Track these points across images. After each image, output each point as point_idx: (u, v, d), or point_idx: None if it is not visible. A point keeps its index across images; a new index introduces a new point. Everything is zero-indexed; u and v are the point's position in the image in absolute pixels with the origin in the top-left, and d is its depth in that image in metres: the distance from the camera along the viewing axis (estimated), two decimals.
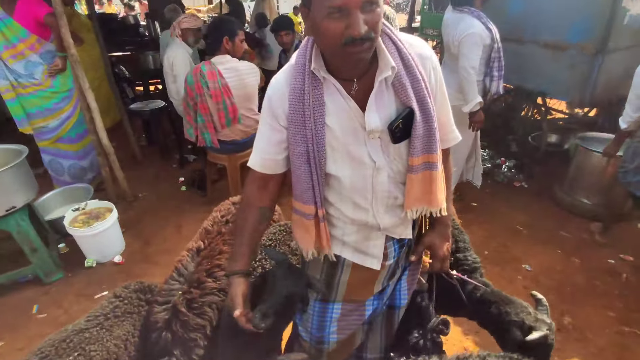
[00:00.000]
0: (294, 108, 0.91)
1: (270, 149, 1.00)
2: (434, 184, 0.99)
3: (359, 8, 0.76)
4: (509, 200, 3.31)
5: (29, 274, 2.28)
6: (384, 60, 0.88)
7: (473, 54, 2.50)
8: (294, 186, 1.01)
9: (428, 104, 0.91)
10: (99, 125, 2.85)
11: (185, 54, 3.05)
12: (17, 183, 2.12)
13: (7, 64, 2.69)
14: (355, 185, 0.99)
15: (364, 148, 0.94)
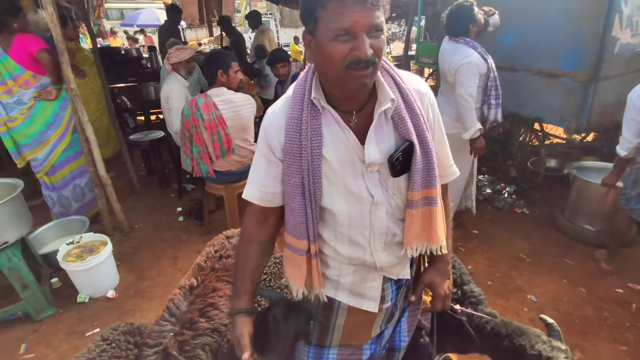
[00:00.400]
0: (290, 138, 0.89)
1: (268, 182, 0.97)
2: (434, 220, 0.97)
3: (366, 32, 0.77)
4: (510, 227, 3.26)
5: (18, 312, 2.21)
6: (383, 92, 0.88)
7: (470, 82, 2.55)
8: (287, 219, 0.98)
9: (427, 138, 0.91)
10: (97, 157, 2.86)
11: (181, 87, 3.11)
12: (11, 218, 2.09)
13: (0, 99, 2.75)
14: (352, 220, 0.96)
15: (361, 181, 0.92)
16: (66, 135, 2.97)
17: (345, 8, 0.75)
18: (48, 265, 2.56)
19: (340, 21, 0.75)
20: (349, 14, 0.75)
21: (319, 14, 0.79)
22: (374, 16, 0.76)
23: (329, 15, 0.77)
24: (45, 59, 2.69)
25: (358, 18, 0.75)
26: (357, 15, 0.75)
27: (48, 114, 2.86)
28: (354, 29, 0.76)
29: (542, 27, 3.14)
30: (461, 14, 2.58)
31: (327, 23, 0.78)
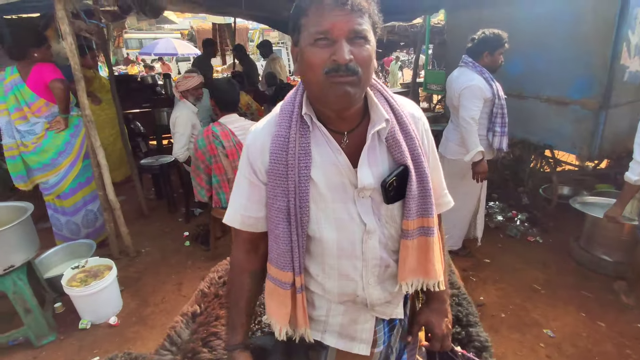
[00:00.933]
0: (275, 157, 0.83)
1: (250, 205, 0.90)
2: (431, 252, 0.90)
3: (345, 37, 0.73)
4: (523, 256, 3.16)
5: (20, 337, 2.19)
6: (376, 112, 0.84)
7: (472, 105, 2.55)
8: (270, 247, 0.90)
9: (422, 163, 0.86)
10: (107, 181, 2.89)
11: (189, 114, 3.18)
12: (19, 241, 2.10)
13: (15, 124, 2.85)
14: (342, 251, 0.87)
15: (353, 207, 0.85)
16: (77, 162, 3.02)
17: (324, 11, 0.73)
18: (53, 289, 2.54)
19: (318, 24, 0.73)
20: (327, 17, 0.72)
21: (301, 22, 0.77)
22: (355, 21, 0.73)
23: (310, 20, 0.75)
24: (57, 88, 2.78)
25: (336, 21, 0.72)
26: (335, 18, 0.72)
27: (59, 143, 2.92)
28: (332, 33, 0.72)
29: (549, 55, 3.16)
30: (484, 39, 2.61)
31: (308, 29, 0.75)
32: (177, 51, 13.61)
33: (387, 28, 7.55)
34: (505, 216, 3.81)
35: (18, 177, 2.97)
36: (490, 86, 2.59)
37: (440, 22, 6.58)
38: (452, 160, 2.82)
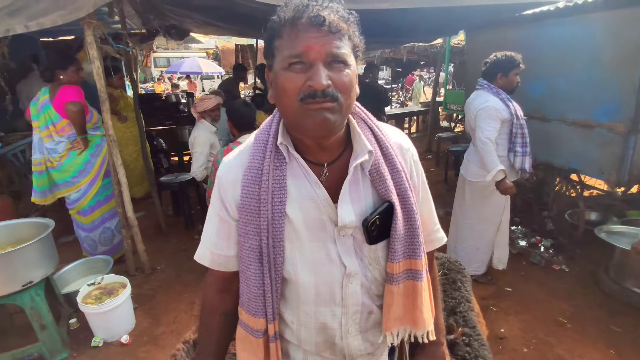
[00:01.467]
0: (247, 192, 0.75)
1: (220, 242, 0.83)
2: (419, 299, 0.81)
3: (323, 61, 0.66)
4: (547, 285, 3.00)
5: (34, 352, 2.22)
6: (359, 143, 0.77)
7: (488, 126, 2.54)
8: (241, 290, 0.82)
9: (410, 199, 0.79)
10: (126, 199, 2.96)
11: (207, 134, 3.25)
12: (38, 257, 2.16)
13: (43, 142, 2.99)
14: (320, 296, 0.79)
15: (332, 247, 0.77)
16: (97, 181, 3.11)
17: (299, 33, 0.66)
18: (69, 304, 2.59)
19: (292, 47, 0.67)
20: (302, 39, 0.66)
21: (275, 44, 0.71)
22: (333, 44, 0.66)
23: (284, 43, 0.69)
24: (69, 111, 2.88)
25: (312, 43, 0.66)
26: (311, 40, 0.66)
27: (79, 162, 3.03)
28: (308, 56, 0.66)
29: (573, 77, 3.08)
30: (496, 61, 2.62)
31: (282, 51, 0.69)
32: (202, 69, 14.10)
33: (406, 48, 7.58)
34: (529, 242, 3.66)
35: (40, 192, 3.08)
36: (507, 106, 2.58)
37: (460, 42, 6.55)
38: (473, 182, 2.78)
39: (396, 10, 2.82)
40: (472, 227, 2.88)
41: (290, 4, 0.68)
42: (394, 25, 3.89)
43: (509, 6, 3.23)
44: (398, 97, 13.94)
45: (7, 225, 2.38)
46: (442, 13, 3.23)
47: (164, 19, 4.26)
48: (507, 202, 2.81)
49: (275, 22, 0.70)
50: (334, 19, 0.66)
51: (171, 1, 3.45)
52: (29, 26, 2.33)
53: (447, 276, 1.63)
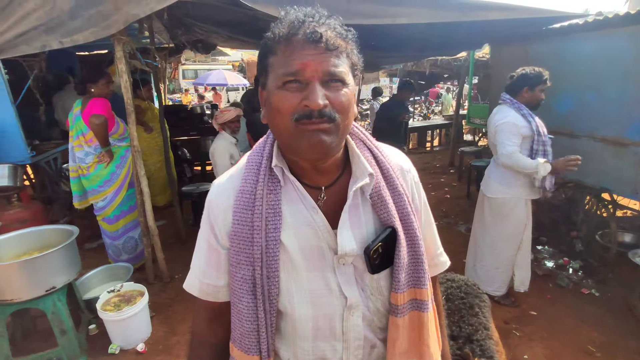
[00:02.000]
0: (239, 218, 0.71)
1: (209, 270, 0.77)
2: (425, 331, 0.76)
3: (319, 79, 0.63)
4: (575, 310, 2.84)
5: (53, 357, 2.28)
6: (359, 166, 0.73)
7: (508, 140, 2.49)
8: (233, 325, 0.76)
9: (413, 224, 0.74)
10: (148, 208, 3.04)
11: (226, 145, 3.31)
12: (62, 264, 2.23)
13: (74, 150, 3.15)
14: (319, 331, 0.73)
15: (332, 277, 0.72)
16: (121, 191, 3.22)
17: (294, 50, 0.63)
18: (89, 310, 2.65)
19: (287, 65, 0.63)
20: (297, 57, 0.62)
21: (269, 61, 0.67)
22: (329, 62, 0.63)
23: (278, 60, 0.65)
24: (92, 123, 2.99)
25: (308, 61, 0.62)
26: (306, 58, 0.62)
27: (105, 174, 3.15)
28: (304, 74, 0.62)
29: (604, 93, 2.96)
30: (524, 75, 2.56)
31: (275, 69, 0.65)
32: (227, 82, 14.45)
33: (429, 61, 7.53)
34: (556, 263, 3.49)
35: (76, 196, 3.30)
36: (529, 122, 2.51)
37: (485, 55, 6.44)
38: (493, 199, 2.70)
39: (418, 24, 2.80)
40: (492, 244, 2.78)
41: (285, 20, 0.65)
42: (416, 39, 3.88)
43: (535, 20, 3.15)
44: (421, 110, 13.81)
45: (35, 231, 2.48)
46: (466, 27, 3.19)
47: (191, 33, 4.42)
48: (528, 220, 2.70)
49: (269, 38, 0.67)
50: (331, 36, 0.63)
51: (197, 17, 3.57)
52: (64, 42, 2.45)
53: (465, 300, 1.56)
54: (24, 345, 2.50)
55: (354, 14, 2.55)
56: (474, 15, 2.80)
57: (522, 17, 2.97)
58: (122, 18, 2.43)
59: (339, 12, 2.47)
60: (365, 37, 3.87)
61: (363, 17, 2.59)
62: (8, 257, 2.30)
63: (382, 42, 4.01)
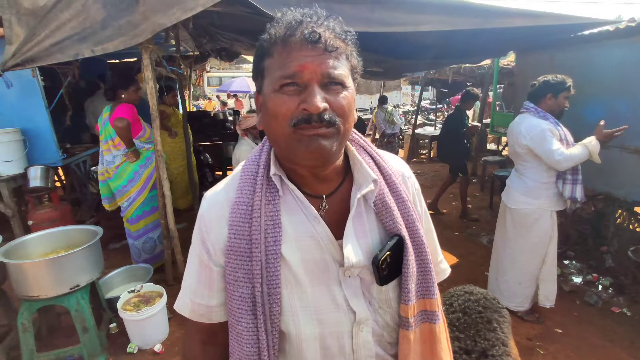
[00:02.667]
0: (236, 232, 0.66)
1: (201, 289, 0.72)
2: (438, 344, 0.72)
3: (318, 82, 0.60)
4: (604, 330, 2.69)
5: (75, 354, 2.35)
6: (362, 172, 0.70)
7: (552, 145, 2.37)
8: (232, 349, 0.70)
9: (419, 231, 0.71)
10: (169, 211, 3.10)
11: (250, 150, 3.35)
12: (86, 263, 2.31)
13: (103, 154, 3.28)
14: (327, 350, 0.68)
15: (338, 291, 0.68)
16: (144, 192, 3.32)
17: (292, 52, 0.60)
18: (111, 309, 2.73)
19: (284, 67, 0.60)
20: (294, 59, 0.60)
21: (265, 64, 0.64)
22: (329, 64, 0.60)
23: (275, 62, 0.62)
24: (116, 126, 3.10)
25: (306, 63, 0.59)
26: (305, 59, 0.59)
27: (129, 171, 3.27)
28: (302, 77, 0.59)
29: (637, 100, 2.82)
30: (547, 82, 2.49)
31: (272, 72, 0.62)
32: (250, 89, 14.74)
33: (452, 69, 7.43)
34: (584, 279, 3.34)
35: (105, 199, 3.44)
36: (557, 131, 2.42)
37: (510, 62, 6.30)
38: (516, 210, 2.61)
39: (440, 32, 2.77)
40: (514, 258, 2.69)
41: (282, 20, 0.63)
42: (438, 46, 3.84)
43: (563, 27, 3.06)
44: (443, 118, 13.61)
45: (63, 231, 2.58)
46: (489, 34, 3.14)
47: (215, 42, 4.54)
48: (553, 232, 2.59)
49: (265, 40, 0.64)
50: (330, 37, 0.61)
51: (221, 26, 3.66)
52: (95, 50, 2.56)
53: (482, 314, 1.50)
54: (49, 341, 2.59)
55: (378, 23, 2.55)
56: (498, 22, 2.74)
57: (550, 24, 2.89)
58: (150, 27, 2.52)
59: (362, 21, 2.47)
60: (387, 44, 3.84)
61: (386, 26, 2.58)
62: (37, 255, 2.40)
63: (403, 49, 3.99)
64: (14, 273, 2.13)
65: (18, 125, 3.32)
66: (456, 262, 3.70)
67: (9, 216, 3.22)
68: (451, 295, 1.64)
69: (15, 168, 3.25)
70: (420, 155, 9.14)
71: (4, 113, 3.36)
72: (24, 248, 2.39)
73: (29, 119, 3.39)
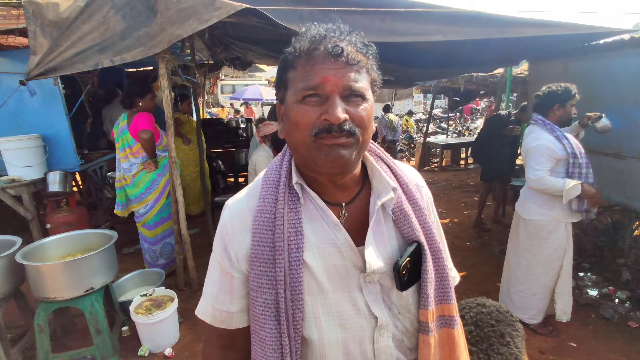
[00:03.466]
0: (259, 239, 0.68)
1: (222, 296, 0.75)
2: (457, 348, 0.74)
3: (339, 94, 0.63)
4: (621, 344, 2.62)
5: (88, 355, 2.39)
6: (380, 181, 0.72)
7: (538, 165, 2.41)
8: (254, 354, 0.72)
9: (435, 238, 0.74)
10: (182, 216, 3.16)
11: (267, 156, 3.39)
12: (101, 266, 2.36)
13: (120, 162, 3.35)
14: (349, 355, 0.70)
15: (359, 296, 0.70)
16: (161, 199, 3.39)
17: (315, 64, 0.63)
18: (123, 312, 2.77)
19: (307, 79, 0.63)
20: (317, 71, 0.62)
21: (288, 76, 0.67)
22: (349, 77, 0.63)
23: (298, 74, 0.65)
24: (141, 138, 3.19)
25: (328, 75, 0.62)
26: (327, 72, 0.62)
27: (147, 180, 3.34)
28: (324, 88, 0.62)
29: None
30: (552, 92, 2.49)
31: (295, 84, 0.65)
32: (262, 97, 14.92)
33: (464, 77, 7.40)
34: (600, 292, 3.26)
35: (119, 205, 3.47)
36: (563, 145, 2.41)
37: (523, 71, 6.25)
38: (529, 221, 2.58)
39: (452, 42, 2.78)
40: (528, 269, 2.64)
41: (306, 35, 0.66)
42: (450, 55, 3.84)
43: (577, 36, 3.04)
44: (455, 127, 13.53)
45: (79, 234, 2.65)
46: (502, 43, 3.13)
47: (229, 51, 4.64)
48: (568, 244, 2.55)
49: (289, 52, 0.67)
50: (352, 51, 0.64)
51: (235, 36, 3.74)
52: (114, 60, 2.65)
53: (495, 328, 1.48)
54: (63, 342, 2.65)
55: (389, 33, 2.57)
56: (511, 32, 2.74)
57: (564, 34, 2.87)
58: (167, 38, 2.60)
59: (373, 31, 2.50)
60: (398, 53, 3.86)
61: (397, 36, 2.60)
62: (54, 258, 2.47)
63: (415, 59, 4.01)
64: (31, 275, 2.20)
65: (39, 131, 3.44)
66: (467, 272, 3.65)
67: (29, 219, 3.32)
68: (462, 308, 1.63)
69: (35, 173, 3.36)
70: (431, 164, 9.08)
71: (26, 120, 3.49)
72: (42, 251, 2.47)
73: (50, 125, 3.51)
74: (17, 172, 3.28)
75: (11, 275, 2.24)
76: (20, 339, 2.46)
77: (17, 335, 2.52)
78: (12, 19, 3.79)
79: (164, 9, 2.52)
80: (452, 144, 8.83)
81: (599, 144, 2.50)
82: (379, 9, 2.52)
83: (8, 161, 3.27)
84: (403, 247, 0.73)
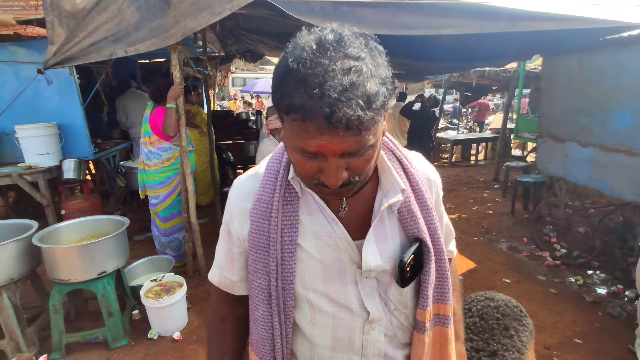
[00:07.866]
0: (257, 227, 0.70)
1: (227, 265, 0.80)
2: (448, 347, 0.76)
3: (339, 155, 0.56)
4: (627, 342, 2.60)
5: (100, 336, 2.48)
6: (390, 180, 0.70)
7: None
8: (251, 329, 0.77)
9: (439, 239, 0.73)
10: (192, 205, 3.23)
11: (273, 146, 3.42)
12: (113, 251, 2.44)
13: (142, 146, 3.40)
14: (337, 342, 0.72)
15: (352, 290, 0.71)
16: (173, 194, 3.43)
17: (309, 129, 0.54)
18: (134, 297, 2.86)
19: (302, 141, 0.56)
20: (313, 137, 0.54)
21: (282, 111, 0.58)
22: (348, 143, 0.54)
23: (293, 126, 0.56)
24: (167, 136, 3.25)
25: (325, 144, 0.54)
26: (324, 140, 0.54)
27: (162, 177, 3.38)
28: (320, 152, 0.56)
29: None
30: None
31: (290, 132, 0.57)
32: None
33: (476, 72, 7.31)
34: (608, 290, 3.23)
35: (140, 187, 3.54)
36: None
37: (537, 66, 6.15)
38: None
39: (463, 35, 2.76)
40: None
41: (297, 79, 0.52)
42: (461, 49, 3.81)
43: (593, 30, 2.98)
44: (466, 123, 13.37)
45: (93, 220, 2.74)
46: (515, 37, 3.09)
47: (240, 43, 4.66)
48: None
49: (281, 91, 0.56)
50: (353, 116, 0.51)
51: (246, 28, 3.77)
52: (128, 51, 2.71)
53: (500, 321, 1.49)
54: (76, 323, 2.74)
55: (399, 26, 2.56)
56: (524, 25, 2.69)
57: (580, 28, 2.81)
58: (181, 31, 2.64)
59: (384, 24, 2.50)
60: (408, 47, 3.83)
61: (407, 29, 2.59)
62: (68, 241, 2.56)
63: (425, 52, 3.98)
64: (47, 257, 2.28)
65: (55, 120, 3.53)
66: (474, 267, 3.66)
67: (44, 205, 3.42)
68: (471, 300, 1.65)
69: (51, 160, 3.46)
70: (441, 160, 9.02)
71: (43, 108, 3.59)
72: (57, 235, 2.55)
73: (65, 114, 3.60)
74: (34, 159, 3.39)
75: (28, 257, 2.32)
76: (35, 319, 2.56)
77: (32, 316, 2.62)
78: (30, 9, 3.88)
79: (177, 2, 2.56)
80: (462, 140, 8.75)
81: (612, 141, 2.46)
82: (390, 1, 2.51)
83: (25, 148, 3.37)
84: (405, 244, 0.72)
